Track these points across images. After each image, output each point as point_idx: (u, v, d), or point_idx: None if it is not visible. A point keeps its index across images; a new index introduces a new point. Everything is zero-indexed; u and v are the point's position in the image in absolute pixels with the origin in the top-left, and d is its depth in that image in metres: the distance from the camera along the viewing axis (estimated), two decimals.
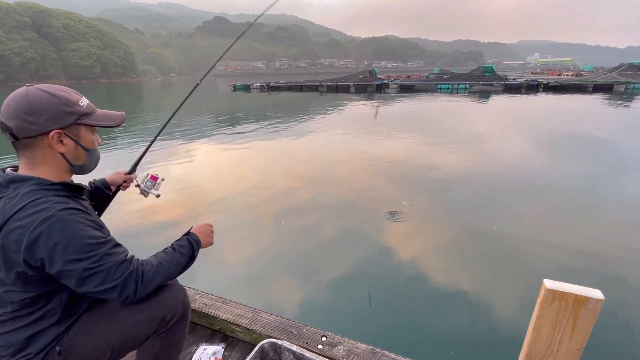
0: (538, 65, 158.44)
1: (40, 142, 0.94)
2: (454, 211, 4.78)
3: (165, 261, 1.07)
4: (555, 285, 0.70)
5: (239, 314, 1.74)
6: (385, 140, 9.83)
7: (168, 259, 1.08)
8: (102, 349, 1.06)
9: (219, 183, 6.32)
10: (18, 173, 0.96)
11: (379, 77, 38.90)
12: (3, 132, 0.93)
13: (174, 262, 1.08)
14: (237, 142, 9.82)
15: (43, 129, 0.92)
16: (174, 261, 1.09)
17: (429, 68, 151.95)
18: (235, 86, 38.09)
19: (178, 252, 1.12)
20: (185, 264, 1.14)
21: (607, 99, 20.26)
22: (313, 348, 1.51)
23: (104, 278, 0.92)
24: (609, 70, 37.58)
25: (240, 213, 4.87)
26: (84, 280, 0.91)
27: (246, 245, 4.01)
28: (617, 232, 4.11)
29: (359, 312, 2.84)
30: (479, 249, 3.81)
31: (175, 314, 1.15)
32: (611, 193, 5.41)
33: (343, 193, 5.56)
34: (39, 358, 0.98)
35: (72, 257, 0.89)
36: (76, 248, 0.89)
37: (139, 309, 1.09)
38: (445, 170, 6.56)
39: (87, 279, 0.91)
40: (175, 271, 1.10)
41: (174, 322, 1.15)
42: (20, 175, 0.95)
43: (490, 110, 17.90)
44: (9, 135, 0.92)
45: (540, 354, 0.77)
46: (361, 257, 3.67)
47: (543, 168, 6.74)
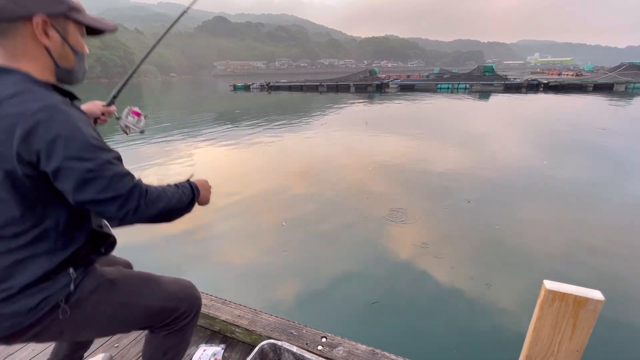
0: (538, 65, 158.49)
1: (22, 29, 0.78)
2: (454, 211, 4.78)
3: (169, 192, 0.95)
4: (556, 286, 0.70)
5: (239, 314, 1.74)
6: (386, 140, 9.83)
7: (172, 191, 0.96)
8: (112, 319, 0.99)
9: (219, 183, 6.32)
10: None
11: (379, 77, 38.88)
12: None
13: (176, 196, 0.96)
14: (237, 142, 9.81)
15: (26, 11, 0.77)
16: (176, 195, 0.96)
17: (429, 68, 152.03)
18: (235, 86, 38.10)
19: (181, 190, 0.99)
20: (187, 204, 1.00)
21: (608, 99, 20.26)
22: (313, 349, 1.50)
23: (106, 185, 0.79)
24: (609, 70, 37.56)
25: (240, 213, 4.87)
26: (84, 183, 0.77)
27: (246, 246, 4.01)
28: (618, 232, 4.11)
29: (359, 313, 2.84)
30: (480, 249, 3.81)
31: (192, 310, 1.14)
32: (613, 193, 5.41)
33: (343, 193, 5.56)
34: (26, 296, 0.83)
35: (74, 154, 0.76)
36: (80, 145, 0.76)
37: (165, 292, 1.07)
38: (446, 171, 6.56)
39: (88, 182, 0.77)
40: (177, 206, 0.96)
41: (189, 319, 1.13)
42: (3, 65, 0.80)
43: (491, 110, 17.91)
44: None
45: (541, 354, 0.77)
46: (361, 258, 3.67)
47: (544, 168, 6.74)
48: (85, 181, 0.77)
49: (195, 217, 4.73)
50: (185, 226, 4.49)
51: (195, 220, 4.67)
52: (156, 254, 3.88)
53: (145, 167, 6.99)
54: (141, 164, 7.42)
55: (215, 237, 4.26)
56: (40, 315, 0.85)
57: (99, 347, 1.63)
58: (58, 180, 0.77)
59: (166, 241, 4.10)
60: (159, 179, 6.26)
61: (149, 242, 4.05)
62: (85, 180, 0.77)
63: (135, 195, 0.83)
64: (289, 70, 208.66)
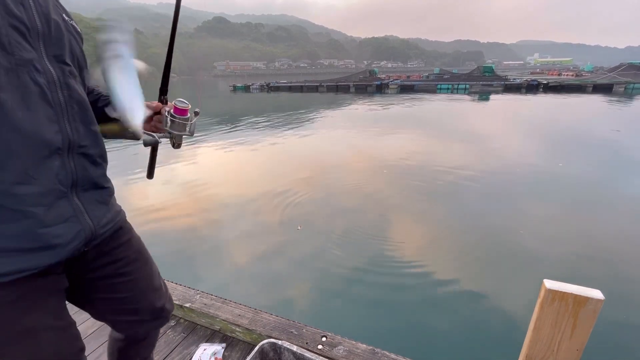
0: (538, 66, 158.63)
1: None
2: (455, 212, 4.78)
3: None
4: (556, 285, 0.70)
5: (239, 314, 1.74)
6: (388, 140, 9.83)
7: None
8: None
9: (219, 183, 6.32)
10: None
11: (378, 77, 38.92)
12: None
13: None
14: (237, 143, 9.82)
15: None
16: None
17: (428, 68, 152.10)
18: (235, 86, 38.13)
19: None
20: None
21: (608, 99, 20.27)
22: (313, 348, 1.51)
23: None
24: (609, 70, 37.61)
25: (240, 213, 4.87)
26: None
27: (246, 245, 4.01)
28: (618, 232, 4.11)
29: (359, 313, 2.84)
30: (480, 250, 3.81)
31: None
32: (613, 193, 5.41)
33: (344, 193, 5.56)
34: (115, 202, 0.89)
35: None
36: None
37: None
38: (446, 171, 6.56)
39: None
40: None
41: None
42: None
43: (491, 110, 17.91)
44: None
45: (541, 354, 0.77)
46: (361, 258, 3.67)
47: (546, 168, 6.74)
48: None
49: (195, 218, 4.74)
50: (185, 226, 4.49)
51: (195, 220, 4.67)
52: (156, 253, 3.87)
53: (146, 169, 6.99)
54: (142, 165, 7.42)
55: (215, 237, 4.26)
56: (122, 219, 0.94)
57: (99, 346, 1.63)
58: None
59: (166, 241, 4.10)
60: (160, 180, 6.26)
61: (149, 241, 4.05)
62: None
63: None
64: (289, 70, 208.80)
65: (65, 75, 0.73)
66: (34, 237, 0.66)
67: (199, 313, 1.77)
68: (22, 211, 0.64)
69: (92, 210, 0.79)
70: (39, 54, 0.68)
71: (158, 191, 5.76)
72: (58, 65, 0.72)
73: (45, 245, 0.68)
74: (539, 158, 7.58)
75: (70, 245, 0.73)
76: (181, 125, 0.96)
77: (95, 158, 0.81)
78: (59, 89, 0.71)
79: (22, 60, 0.64)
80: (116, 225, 0.90)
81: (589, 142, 9.23)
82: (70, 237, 0.73)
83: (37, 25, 0.68)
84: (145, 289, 0.99)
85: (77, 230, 0.74)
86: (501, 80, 31.91)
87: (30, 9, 0.67)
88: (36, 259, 0.68)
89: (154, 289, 1.02)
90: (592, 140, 9.53)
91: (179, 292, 1.92)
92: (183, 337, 1.73)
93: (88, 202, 0.78)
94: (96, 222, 0.80)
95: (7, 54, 0.62)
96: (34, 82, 0.66)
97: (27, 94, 0.65)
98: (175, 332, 1.76)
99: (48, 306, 0.74)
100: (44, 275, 0.72)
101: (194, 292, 1.92)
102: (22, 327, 0.69)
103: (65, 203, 0.72)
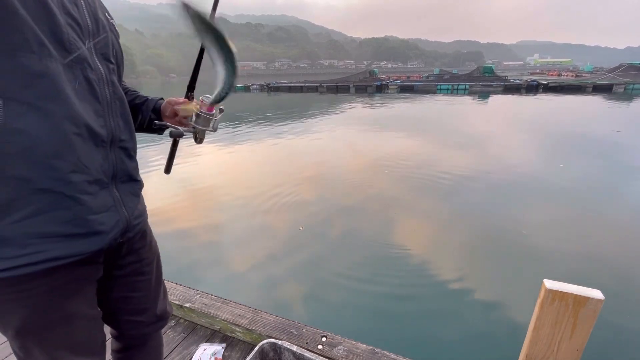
0: (537, 66, 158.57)
1: None
2: (455, 213, 4.78)
3: None
4: (556, 285, 0.70)
5: (239, 314, 1.74)
6: (388, 141, 9.83)
7: None
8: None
9: (220, 184, 6.32)
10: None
11: (378, 77, 38.92)
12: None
13: None
14: (238, 143, 9.82)
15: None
16: None
17: (428, 68, 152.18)
18: (235, 87, 38.10)
19: None
20: None
21: (607, 100, 20.28)
22: (313, 348, 1.51)
23: None
24: (608, 70, 37.60)
25: (240, 213, 4.86)
26: None
27: (246, 246, 4.01)
28: (618, 232, 4.12)
29: (359, 313, 2.84)
30: (480, 249, 3.81)
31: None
32: (614, 193, 5.41)
33: (344, 193, 5.56)
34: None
35: None
36: None
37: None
38: (447, 171, 6.56)
39: None
40: None
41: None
42: None
43: (491, 110, 17.91)
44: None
45: (541, 354, 0.77)
46: (362, 258, 3.67)
47: (547, 169, 6.75)
48: None
49: (194, 217, 4.74)
50: (185, 226, 4.49)
51: (196, 220, 4.67)
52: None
53: (148, 169, 6.98)
54: (144, 166, 7.40)
55: (215, 237, 4.26)
56: (146, 218, 0.97)
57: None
58: None
59: (166, 240, 4.10)
60: (160, 180, 6.26)
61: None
62: None
63: None
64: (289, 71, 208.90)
65: (110, 72, 0.78)
66: (84, 223, 0.69)
67: (199, 313, 1.77)
68: (75, 198, 0.67)
69: (127, 202, 0.82)
70: (90, 52, 0.71)
71: (157, 191, 5.76)
72: (105, 62, 0.76)
73: (92, 231, 0.71)
74: (540, 159, 7.58)
75: (112, 233, 0.76)
76: (206, 120, 0.99)
77: (130, 152, 0.85)
78: (105, 85, 0.75)
79: (78, 57, 0.68)
80: (143, 222, 0.94)
81: (590, 143, 9.23)
82: (112, 225, 0.76)
83: (88, 24, 0.72)
84: (155, 290, 1.02)
85: (116, 220, 0.77)
86: (501, 80, 31.91)
87: (82, 8, 0.70)
88: (85, 244, 0.71)
89: (162, 291, 1.06)
90: (592, 140, 9.53)
91: (179, 292, 1.92)
92: (183, 337, 1.73)
93: (124, 194, 0.81)
94: (130, 213, 0.83)
95: (66, 52, 0.65)
96: (86, 79, 0.70)
97: (82, 89, 0.69)
98: (175, 332, 1.76)
99: (86, 294, 0.77)
100: (85, 263, 0.75)
101: (194, 292, 1.92)
102: (63, 313, 0.72)
103: (106, 193, 0.75)
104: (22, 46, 0.58)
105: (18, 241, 0.63)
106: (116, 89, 0.79)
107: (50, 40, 0.62)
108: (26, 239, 0.63)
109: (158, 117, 1.04)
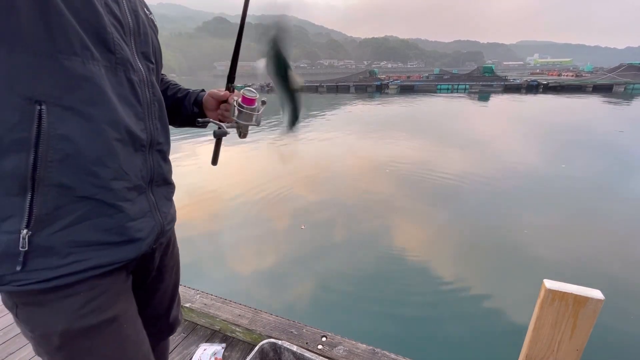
0: (537, 66, 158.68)
1: None
2: (456, 213, 4.78)
3: None
4: (555, 285, 0.70)
5: (239, 314, 1.74)
6: (388, 141, 9.83)
7: None
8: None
9: (221, 184, 6.32)
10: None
11: (378, 77, 38.92)
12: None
13: None
14: (237, 143, 9.81)
15: None
16: None
17: (428, 68, 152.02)
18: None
19: None
20: None
21: (608, 99, 20.27)
22: (313, 348, 1.51)
23: None
24: (608, 70, 37.60)
25: (240, 213, 4.86)
26: None
27: (247, 245, 4.01)
28: (619, 233, 4.11)
29: (359, 313, 2.84)
30: (480, 249, 3.81)
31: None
32: (614, 193, 5.41)
33: (345, 193, 5.56)
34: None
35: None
36: None
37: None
38: (447, 171, 6.56)
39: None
40: None
41: (174, 332, 1.10)
42: None
43: (491, 111, 17.91)
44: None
45: (541, 354, 0.77)
46: (362, 257, 3.67)
47: (549, 170, 6.75)
48: None
49: (194, 217, 4.74)
50: (185, 225, 4.49)
51: (195, 219, 4.67)
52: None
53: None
54: None
55: (215, 236, 4.26)
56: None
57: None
58: None
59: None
60: None
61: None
62: None
63: None
64: None
65: (150, 73, 0.74)
66: (123, 231, 0.68)
67: (199, 313, 1.77)
68: (116, 206, 0.66)
69: (161, 207, 0.79)
70: (131, 52, 0.68)
71: None
72: (145, 62, 0.73)
73: (130, 238, 0.69)
74: (541, 159, 7.58)
75: (148, 240, 0.74)
76: (248, 115, 0.95)
77: (166, 155, 0.83)
78: (146, 87, 0.72)
79: (122, 59, 0.65)
80: (172, 230, 0.90)
81: (592, 143, 9.22)
82: (148, 231, 0.73)
83: (129, 22, 0.68)
84: (171, 297, 1.00)
85: (152, 225, 0.75)
86: (501, 80, 31.93)
87: (122, 5, 0.67)
88: (124, 252, 0.69)
89: (177, 299, 1.05)
90: (595, 141, 9.52)
91: (179, 292, 1.92)
92: (183, 337, 1.73)
93: (159, 198, 0.79)
94: (164, 218, 0.80)
95: (110, 53, 0.62)
96: (128, 81, 0.67)
97: (124, 92, 0.66)
98: (175, 332, 1.76)
99: (128, 298, 0.75)
100: (121, 270, 0.73)
101: (194, 292, 1.92)
102: (111, 314, 0.69)
103: (143, 198, 0.73)
104: (65, 49, 0.55)
105: (60, 250, 0.61)
106: (155, 90, 0.76)
107: (94, 41, 0.60)
108: (68, 247, 0.61)
109: (200, 110, 1.01)
